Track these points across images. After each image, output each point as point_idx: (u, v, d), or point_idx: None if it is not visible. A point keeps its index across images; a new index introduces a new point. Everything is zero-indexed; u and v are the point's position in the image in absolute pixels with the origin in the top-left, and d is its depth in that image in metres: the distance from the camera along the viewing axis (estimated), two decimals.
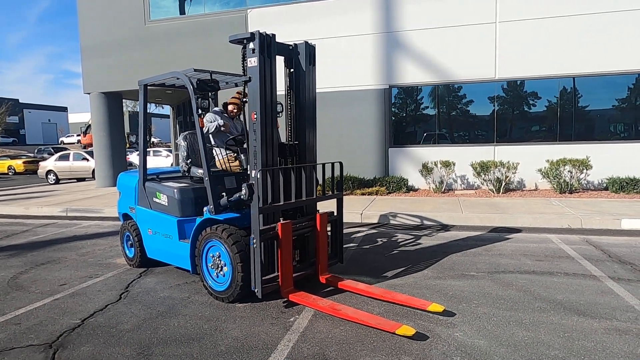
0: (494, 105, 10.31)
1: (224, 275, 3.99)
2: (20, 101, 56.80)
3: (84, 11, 13.26)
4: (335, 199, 4.60)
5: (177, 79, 4.48)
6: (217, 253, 4.02)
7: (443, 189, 9.93)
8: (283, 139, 4.46)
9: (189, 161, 4.89)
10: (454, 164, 9.79)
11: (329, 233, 4.57)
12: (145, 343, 3.25)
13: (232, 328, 3.47)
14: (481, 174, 9.57)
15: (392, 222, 7.49)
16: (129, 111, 48.12)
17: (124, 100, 15.25)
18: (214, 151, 4.76)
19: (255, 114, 3.86)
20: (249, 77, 3.85)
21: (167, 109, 25.07)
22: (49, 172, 18.33)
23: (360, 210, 7.86)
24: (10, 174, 26.53)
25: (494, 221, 7.11)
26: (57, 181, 18.00)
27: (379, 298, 3.89)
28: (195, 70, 4.30)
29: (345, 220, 7.62)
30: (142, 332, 3.46)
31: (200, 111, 4.15)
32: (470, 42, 10.01)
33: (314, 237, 4.28)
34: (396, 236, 6.50)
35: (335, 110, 10.79)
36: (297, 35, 10.90)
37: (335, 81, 10.74)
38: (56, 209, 9.63)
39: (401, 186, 10.06)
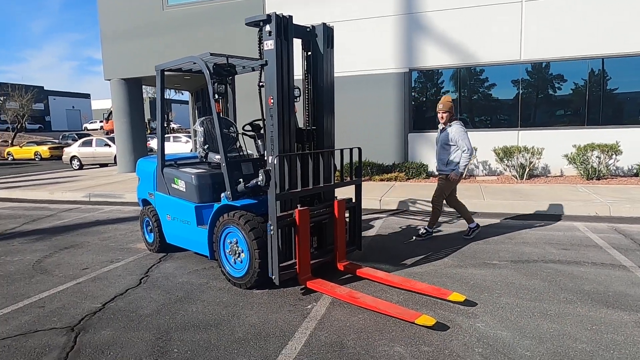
0: (518, 89, 9.97)
1: (241, 262, 3.98)
2: (45, 88, 58.08)
3: (104, 1, 13.30)
4: (353, 185, 4.51)
5: (194, 63, 4.42)
6: (235, 239, 4.00)
7: (464, 175, 9.70)
8: (300, 124, 4.37)
9: (206, 147, 4.87)
10: (475, 150, 9.54)
11: (347, 220, 4.51)
12: (164, 328, 3.27)
13: (250, 314, 3.46)
14: (504, 159, 9.31)
15: (411, 208, 7.37)
16: (149, 97, 48.80)
17: (144, 86, 15.33)
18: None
19: (272, 98, 3.78)
20: (265, 61, 3.77)
21: (186, 95, 25.20)
22: (72, 157, 18.75)
23: (379, 197, 7.75)
24: (36, 159, 27.29)
25: (518, 208, 6.92)
26: (81, 167, 18.40)
27: (398, 286, 3.83)
28: (211, 54, 4.23)
29: (364, 206, 7.55)
30: (161, 317, 3.48)
31: (216, 96, 4.09)
32: (494, 22, 9.65)
33: (332, 224, 4.22)
34: (416, 223, 6.39)
35: (354, 94, 10.62)
36: (315, 19, 10.71)
37: (354, 65, 10.55)
38: (79, 194, 9.82)
39: (421, 172, 9.89)
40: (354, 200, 4.51)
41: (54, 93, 60.43)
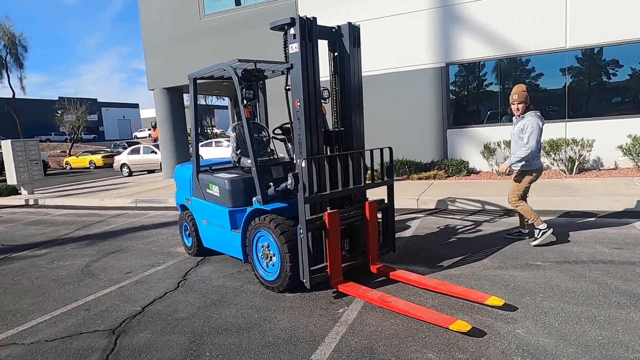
0: (565, 78, 9.40)
1: (273, 265, 4.00)
2: (98, 100, 61.61)
3: (145, 11, 13.90)
4: (385, 186, 4.42)
5: (224, 70, 4.50)
6: (266, 243, 4.03)
7: (509, 171, 9.26)
8: (330, 125, 4.34)
9: (238, 152, 4.94)
10: None
11: (380, 221, 4.42)
12: (198, 332, 3.34)
13: (281, 318, 3.46)
14: (550, 153, 8.81)
15: (450, 207, 7.13)
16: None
17: (185, 94, 15.88)
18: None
19: (299, 101, 3.77)
20: (291, 64, 3.77)
21: (227, 101, 25.85)
22: (122, 165, 19.72)
23: (416, 196, 7.57)
24: (91, 168, 28.95)
25: (566, 205, 6.52)
26: (130, 173, 19.32)
27: (433, 290, 3.70)
28: (239, 60, 4.29)
29: (400, 206, 7.42)
30: (196, 320, 3.56)
31: (245, 101, 4.14)
32: (535, 9, 9.16)
33: (364, 225, 4.15)
34: (454, 223, 6.18)
35: (388, 92, 10.46)
36: (347, 18, 10.62)
37: (387, 62, 10.38)
38: (127, 200, 10.30)
39: (461, 169, 9.57)
40: (386, 202, 4.41)
41: (106, 104, 63.90)
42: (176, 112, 14.34)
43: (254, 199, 4.33)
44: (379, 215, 4.35)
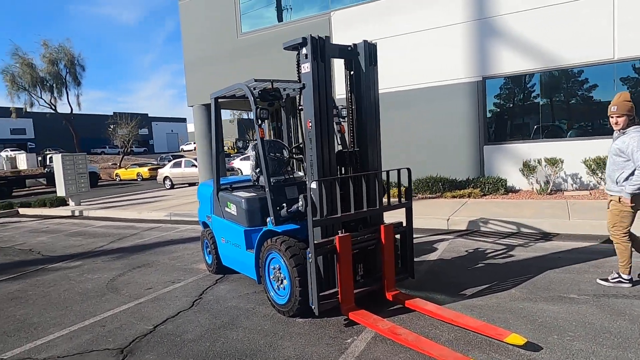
0: (613, 90, 8.77)
1: (284, 289, 3.90)
2: (149, 115, 64.89)
3: (186, 30, 14.47)
4: (404, 209, 4.23)
5: (241, 89, 4.51)
6: (277, 265, 3.94)
7: (549, 190, 8.73)
8: (345, 145, 4.23)
9: (257, 170, 4.92)
10: (561, 161, 8.56)
11: (399, 245, 4.22)
12: (202, 356, 3.29)
13: (287, 346, 3.34)
14: (597, 171, 8.20)
15: (482, 229, 6.76)
16: (236, 117, 51.99)
17: (230, 110, 16.27)
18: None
19: (311, 122, 3.69)
20: (303, 84, 3.71)
21: None
22: (165, 178, 20.46)
23: (447, 215, 7.25)
24: (138, 180, 30.28)
25: None
26: (172, 186, 19.98)
27: (449, 322, 3.45)
28: (255, 80, 4.30)
29: (429, 226, 7.14)
30: (202, 343, 3.51)
31: (259, 121, 4.12)
32: (578, 19, 8.66)
33: (379, 250, 3.97)
34: (485, 246, 5.83)
35: (421, 108, 10.21)
36: (380, 34, 10.56)
37: (421, 77, 10.15)
38: (162, 214, 10.60)
39: (498, 187, 9.10)
40: (404, 225, 4.21)
41: (156, 119, 67.07)
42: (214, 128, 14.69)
43: (267, 219, 4.27)
44: (399, 238, 4.16)
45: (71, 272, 6.10)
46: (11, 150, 37.61)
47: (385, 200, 4.20)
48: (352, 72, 4.09)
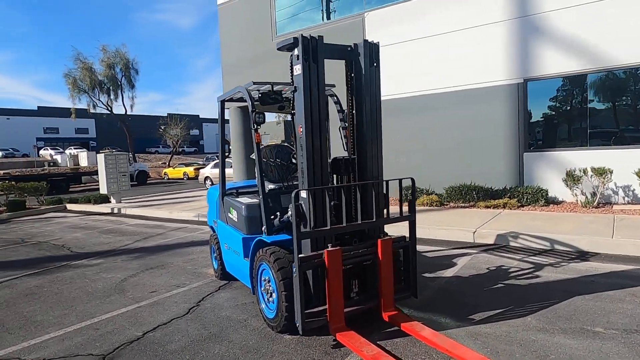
0: None
1: (273, 302, 3.71)
2: (200, 116, 67.36)
3: (224, 34, 14.71)
4: (407, 222, 3.89)
5: (242, 93, 4.38)
6: (267, 277, 3.75)
7: (596, 203, 7.93)
8: (343, 151, 3.97)
9: (262, 176, 4.76)
10: (610, 172, 7.74)
11: (402, 261, 3.90)
12: None
13: None
14: None
15: (511, 244, 6.21)
16: (283, 120, 52.69)
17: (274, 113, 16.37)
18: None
19: (302, 127, 3.47)
20: (295, 87, 3.50)
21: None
22: (206, 178, 20.96)
23: (474, 227, 6.74)
24: (184, 179, 31.34)
25: None
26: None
27: (444, 352, 3.10)
28: (254, 83, 4.16)
29: (453, 238, 6.67)
30: (183, 356, 3.39)
31: (255, 126, 3.95)
32: (635, 15, 7.80)
33: (376, 266, 3.67)
34: (510, 264, 5.32)
35: (455, 112, 9.67)
36: (414, 34, 10.16)
37: (455, 80, 9.62)
38: (191, 214, 10.77)
39: (538, 198, 8.39)
40: (408, 239, 3.88)
41: (207, 120, 69.43)
42: (248, 130, 14.82)
43: (262, 228, 4.09)
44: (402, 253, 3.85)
45: (89, 270, 6.25)
46: (74, 149, 40.29)
47: (392, 211, 3.89)
48: (352, 74, 3.82)
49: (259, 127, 3.98)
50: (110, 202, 14.09)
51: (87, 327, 4.10)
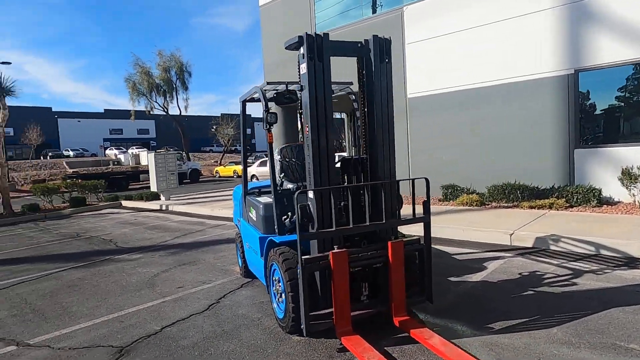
0: None
1: (282, 302, 3.70)
2: (252, 116, 69.26)
3: (266, 34, 14.94)
4: (422, 224, 3.73)
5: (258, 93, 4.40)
6: (277, 277, 3.76)
7: None
8: (354, 151, 3.87)
9: (282, 175, 4.78)
10: None
11: (417, 263, 3.75)
12: None
13: None
14: None
15: (552, 247, 5.78)
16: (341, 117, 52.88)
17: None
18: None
19: (308, 126, 3.43)
20: (301, 86, 3.46)
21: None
22: (252, 176, 21.47)
23: (513, 229, 6.35)
24: (234, 177, 32.31)
25: None
26: None
27: None
28: (268, 83, 4.18)
29: (488, 240, 6.32)
30: (193, 352, 3.47)
31: (267, 126, 3.96)
32: None
33: (386, 269, 3.55)
34: (546, 269, 4.95)
35: (497, 107, 9.16)
36: (454, 27, 9.75)
37: (497, 73, 9.11)
38: (230, 212, 11.01)
39: (589, 198, 7.76)
40: (422, 242, 3.72)
41: (258, 119, 71.15)
42: (289, 127, 14.97)
43: (275, 228, 4.10)
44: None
45: (128, 264, 6.60)
46: (136, 148, 42.86)
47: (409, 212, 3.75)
48: (363, 71, 3.72)
49: (271, 127, 3.97)
50: (160, 199, 14.81)
51: (114, 320, 4.32)
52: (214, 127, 39.83)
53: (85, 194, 15.78)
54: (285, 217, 3.93)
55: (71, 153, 48.68)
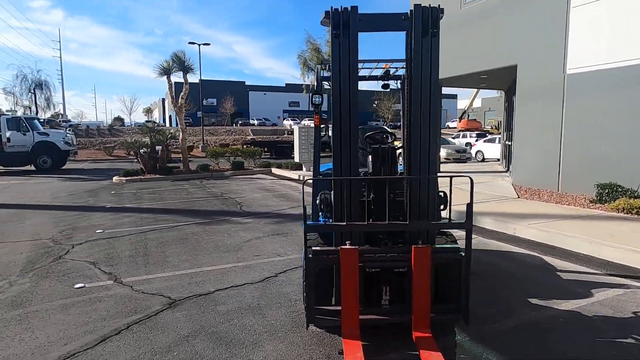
0: None
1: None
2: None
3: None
4: (464, 230, 3.14)
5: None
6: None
7: None
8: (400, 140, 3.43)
9: None
10: None
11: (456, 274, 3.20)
12: (197, 329, 3.50)
13: (267, 349, 3.17)
14: None
15: None
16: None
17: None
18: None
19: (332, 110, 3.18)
20: (328, 65, 3.21)
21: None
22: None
23: None
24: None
25: None
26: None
27: None
28: (320, 63, 3.97)
29: (621, 261, 5.01)
30: (219, 318, 3.72)
31: (315, 108, 3.82)
32: None
33: (409, 276, 3.13)
34: None
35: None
36: None
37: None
38: None
39: None
40: (462, 252, 3.14)
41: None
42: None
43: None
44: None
45: (236, 227, 7.34)
46: (308, 120, 46.61)
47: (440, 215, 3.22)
48: (410, 48, 3.22)
49: (317, 109, 3.82)
50: (302, 169, 15.87)
51: (188, 275, 4.92)
52: (376, 102, 40.21)
53: (246, 159, 18.00)
54: (319, 201, 3.79)
55: (255, 122, 55.67)
